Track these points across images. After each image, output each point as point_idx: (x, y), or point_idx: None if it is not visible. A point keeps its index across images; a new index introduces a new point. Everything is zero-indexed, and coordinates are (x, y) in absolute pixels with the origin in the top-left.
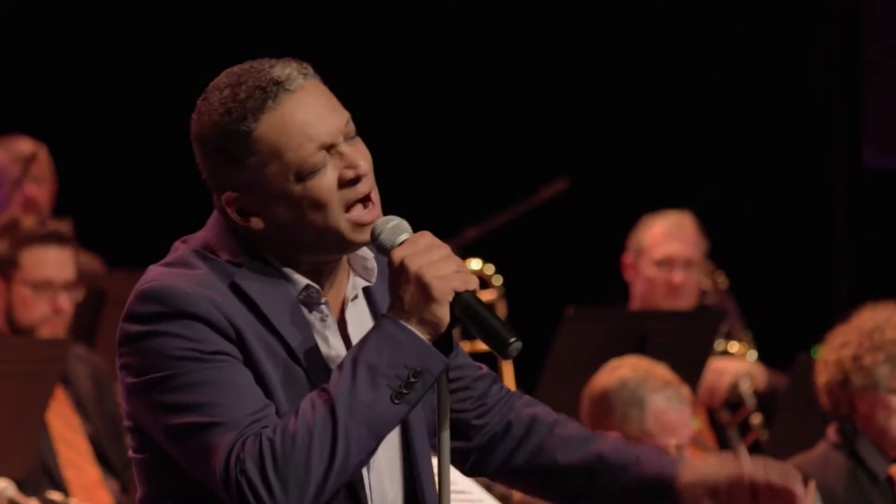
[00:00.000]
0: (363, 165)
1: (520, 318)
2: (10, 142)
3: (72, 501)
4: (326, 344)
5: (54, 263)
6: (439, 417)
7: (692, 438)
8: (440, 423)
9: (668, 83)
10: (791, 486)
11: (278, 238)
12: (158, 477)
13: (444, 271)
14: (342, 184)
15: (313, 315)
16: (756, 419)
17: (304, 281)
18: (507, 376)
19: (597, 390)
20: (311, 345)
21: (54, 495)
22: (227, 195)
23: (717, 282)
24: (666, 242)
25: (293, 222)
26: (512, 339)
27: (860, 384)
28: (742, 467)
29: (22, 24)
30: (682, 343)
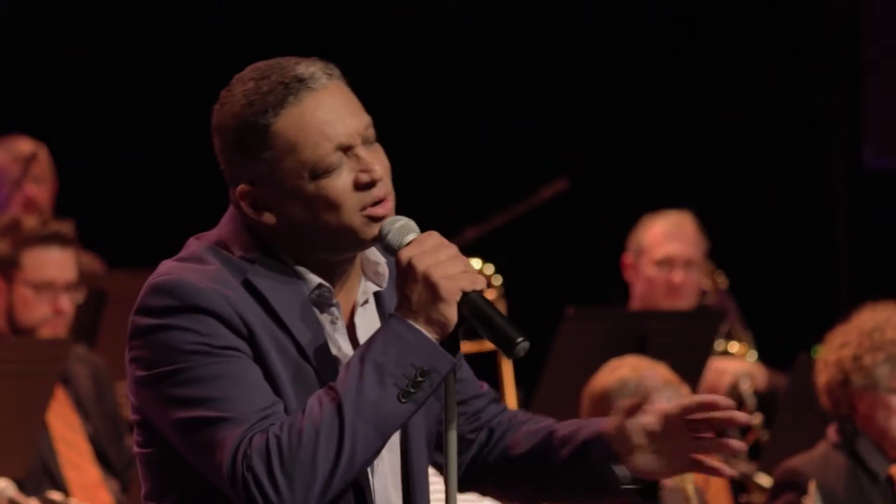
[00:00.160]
0: (378, 170)
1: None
2: (11, 142)
3: (72, 501)
4: (336, 346)
5: (56, 264)
6: (446, 417)
7: None
8: (447, 423)
9: (668, 83)
10: (712, 399)
11: (290, 234)
12: (164, 472)
13: (452, 271)
14: (357, 187)
15: (324, 317)
16: (756, 419)
17: (317, 280)
18: (507, 376)
19: (596, 390)
20: (321, 343)
21: (54, 495)
22: (242, 188)
23: (717, 282)
24: (666, 242)
25: (305, 220)
26: (520, 339)
27: (860, 384)
28: (665, 406)
29: (22, 24)
30: (682, 343)
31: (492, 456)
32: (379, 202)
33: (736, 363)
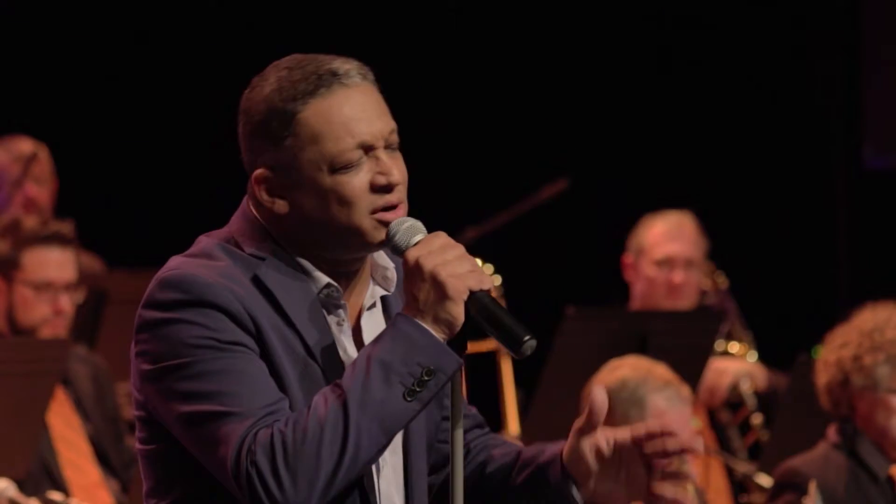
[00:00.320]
0: (396, 175)
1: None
2: (11, 142)
3: (72, 501)
4: (341, 347)
5: (56, 264)
6: (452, 416)
7: None
8: (453, 422)
9: (668, 83)
10: (661, 428)
11: (299, 227)
12: (166, 469)
13: (459, 270)
14: (373, 188)
15: (330, 318)
16: (756, 419)
17: (325, 279)
18: (507, 376)
19: None
20: (328, 342)
21: (55, 495)
22: (260, 172)
23: (717, 282)
24: (666, 242)
25: (316, 213)
26: (527, 338)
27: (860, 384)
28: (615, 431)
29: (22, 25)
30: (682, 343)
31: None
32: (391, 208)
33: (736, 363)
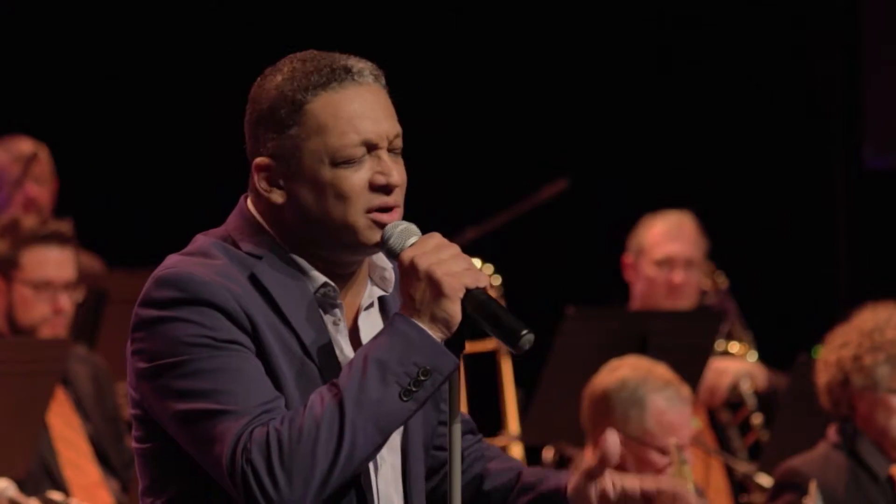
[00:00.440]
0: (396, 177)
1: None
2: (11, 142)
3: (72, 501)
4: (338, 347)
5: (55, 264)
6: (451, 413)
7: (692, 438)
8: (451, 418)
9: (668, 83)
10: (682, 494)
11: (296, 221)
12: (162, 467)
13: (455, 268)
14: (371, 187)
15: (327, 318)
16: (756, 419)
17: (322, 278)
18: (507, 376)
19: (597, 390)
20: (325, 342)
21: (55, 495)
22: (261, 160)
23: (717, 282)
24: (666, 242)
25: (312, 206)
26: (524, 332)
27: (860, 384)
28: (627, 481)
29: (22, 25)
30: (682, 343)
31: (442, 488)
32: (388, 210)
33: (736, 363)
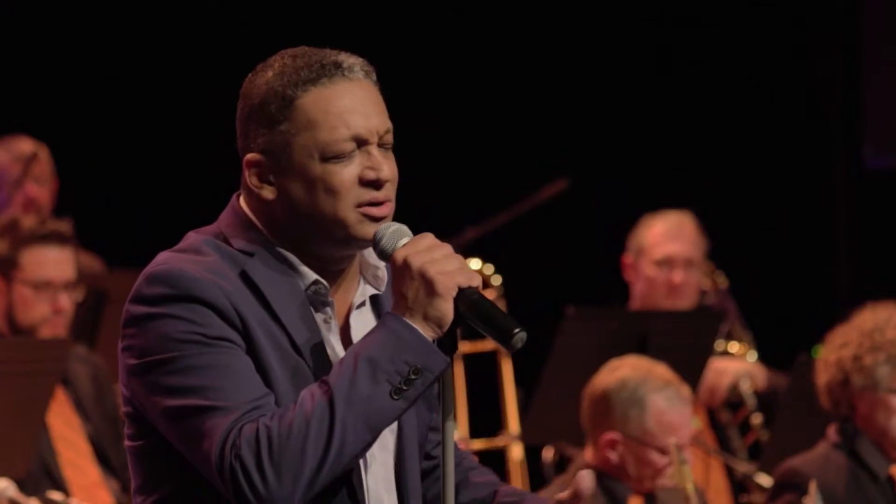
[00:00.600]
0: (386, 172)
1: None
2: (11, 142)
3: (72, 501)
4: (329, 345)
5: (54, 263)
6: (443, 411)
7: (692, 438)
8: (444, 415)
9: (668, 83)
10: None
11: (286, 217)
12: (154, 465)
13: (448, 267)
14: (361, 182)
15: (318, 315)
16: (756, 419)
17: (313, 276)
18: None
19: (597, 390)
20: (316, 340)
21: (54, 495)
22: (251, 156)
23: (717, 282)
24: (666, 242)
25: (303, 201)
26: (517, 330)
27: (860, 384)
28: None
29: (22, 25)
30: (682, 343)
31: (430, 493)
32: (378, 204)
33: (736, 363)
